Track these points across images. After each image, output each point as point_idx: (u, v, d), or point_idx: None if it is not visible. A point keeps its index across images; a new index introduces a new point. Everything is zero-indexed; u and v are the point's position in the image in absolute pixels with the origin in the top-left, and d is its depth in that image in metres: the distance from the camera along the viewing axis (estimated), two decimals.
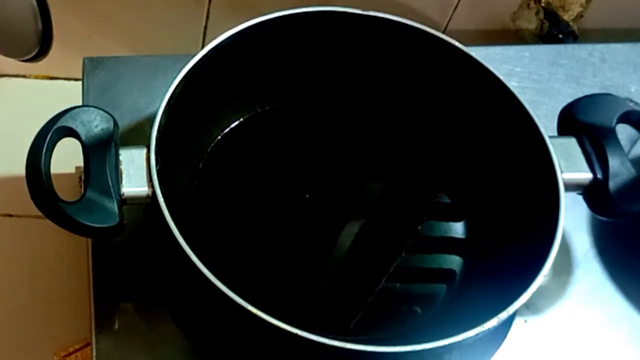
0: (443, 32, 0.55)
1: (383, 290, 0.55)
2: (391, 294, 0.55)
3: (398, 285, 0.55)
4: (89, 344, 0.55)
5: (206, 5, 0.76)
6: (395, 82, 0.61)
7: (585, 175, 0.52)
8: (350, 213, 0.58)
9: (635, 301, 0.57)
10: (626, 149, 0.56)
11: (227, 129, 0.60)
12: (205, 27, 0.79)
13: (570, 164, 0.52)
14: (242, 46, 0.55)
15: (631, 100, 0.67)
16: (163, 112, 0.49)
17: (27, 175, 0.47)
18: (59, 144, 0.49)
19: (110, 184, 0.47)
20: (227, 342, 0.54)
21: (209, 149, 0.59)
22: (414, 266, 0.56)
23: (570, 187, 0.52)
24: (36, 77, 0.87)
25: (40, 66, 0.80)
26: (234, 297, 0.44)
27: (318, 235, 0.58)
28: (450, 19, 0.79)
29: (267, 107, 0.62)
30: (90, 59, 0.64)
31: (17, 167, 0.49)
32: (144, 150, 0.49)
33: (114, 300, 0.54)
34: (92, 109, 0.50)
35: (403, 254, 0.56)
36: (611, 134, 0.53)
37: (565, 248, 0.59)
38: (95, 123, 0.49)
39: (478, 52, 0.55)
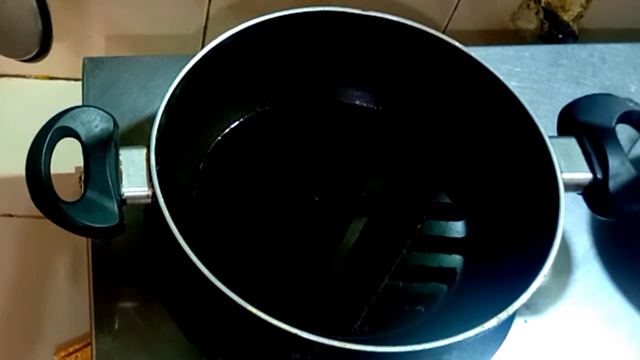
0: (443, 32, 0.55)
1: (386, 289, 0.55)
2: (394, 293, 0.55)
3: (401, 284, 0.55)
4: (89, 344, 0.55)
5: (206, 5, 0.76)
6: (395, 82, 0.61)
7: (585, 175, 0.52)
8: (351, 212, 0.58)
9: (635, 301, 0.57)
10: (626, 149, 0.56)
11: (227, 129, 0.60)
12: (205, 27, 0.79)
13: (570, 164, 0.52)
14: (242, 46, 0.55)
15: (631, 100, 0.67)
16: (163, 112, 0.49)
17: (27, 175, 0.47)
18: (59, 144, 0.49)
19: (110, 184, 0.47)
20: (227, 342, 0.54)
21: (209, 149, 0.59)
22: (415, 265, 0.56)
23: (570, 187, 0.52)
24: (36, 77, 0.87)
25: (40, 66, 0.80)
26: (234, 297, 0.44)
27: (318, 234, 0.58)
28: (450, 19, 0.79)
29: (267, 107, 0.62)
30: (90, 59, 0.64)
31: (17, 167, 0.49)
32: (144, 151, 0.49)
33: (113, 300, 0.54)
34: (92, 109, 0.50)
35: (404, 252, 0.56)
36: (611, 134, 0.53)
37: (565, 248, 0.59)
38: (95, 123, 0.49)
39: (478, 52, 0.55)
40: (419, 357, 0.45)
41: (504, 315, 0.44)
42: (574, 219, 0.60)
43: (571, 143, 0.53)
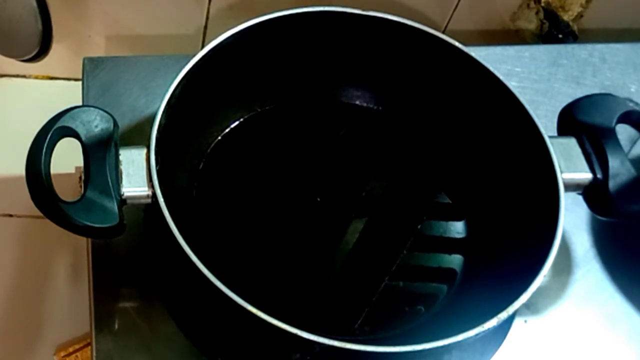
0: (443, 32, 0.55)
1: (386, 289, 0.55)
2: (394, 293, 0.55)
3: (401, 284, 0.55)
4: (89, 344, 0.55)
5: (206, 5, 0.76)
6: (395, 82, 0.61)
7: (585, 175, 0.52)
8: (351, 212, 0.58)
9: (635, 301, 0.57)
10: (626, 149, 0.56)
11: (227, 129, 0.60)
12: (205, 27, 0.79)
13: (570, 164, 0.52)
14: (242, 46, 0.55)
15: (631, 100, 0.67)
16: (163, 112, 0.49)
17: (27, 175, 0.47)
18: (59, 144, 0.49)
19: (110, 184, 0.47)
20: (227, 342, 0.54)
21: (209, 149, 0.59)
22: (415, 265, 0.56)
23: (570, 187, 0.52)
24: (36, 77, 0.87)
25: (40, 66, 0.80)
26: (234, 297, 0.44)
27: (318, 234, 0.58)
28: (450, 19, 0.79)
29: (267, 107, 0.62)
30: (90, 59, 0.64)
31: (17, 167, 0.49)
32: (144, 151, 0.49)
33: (113, 300, 0.54)
34: (92, 109, 0.50)
35: (404, 252, 0.56)
36: (611, 134, 0.53)
37: (565, 248, 0.59)
38: (95, 123, 0.49)
39: (478, 52, 0.55)
40: (419, 357, 0.45)
41: (504, 315, 0.44)
42: (574, 219, 0.60)
43: (571, 143, 0.53)
